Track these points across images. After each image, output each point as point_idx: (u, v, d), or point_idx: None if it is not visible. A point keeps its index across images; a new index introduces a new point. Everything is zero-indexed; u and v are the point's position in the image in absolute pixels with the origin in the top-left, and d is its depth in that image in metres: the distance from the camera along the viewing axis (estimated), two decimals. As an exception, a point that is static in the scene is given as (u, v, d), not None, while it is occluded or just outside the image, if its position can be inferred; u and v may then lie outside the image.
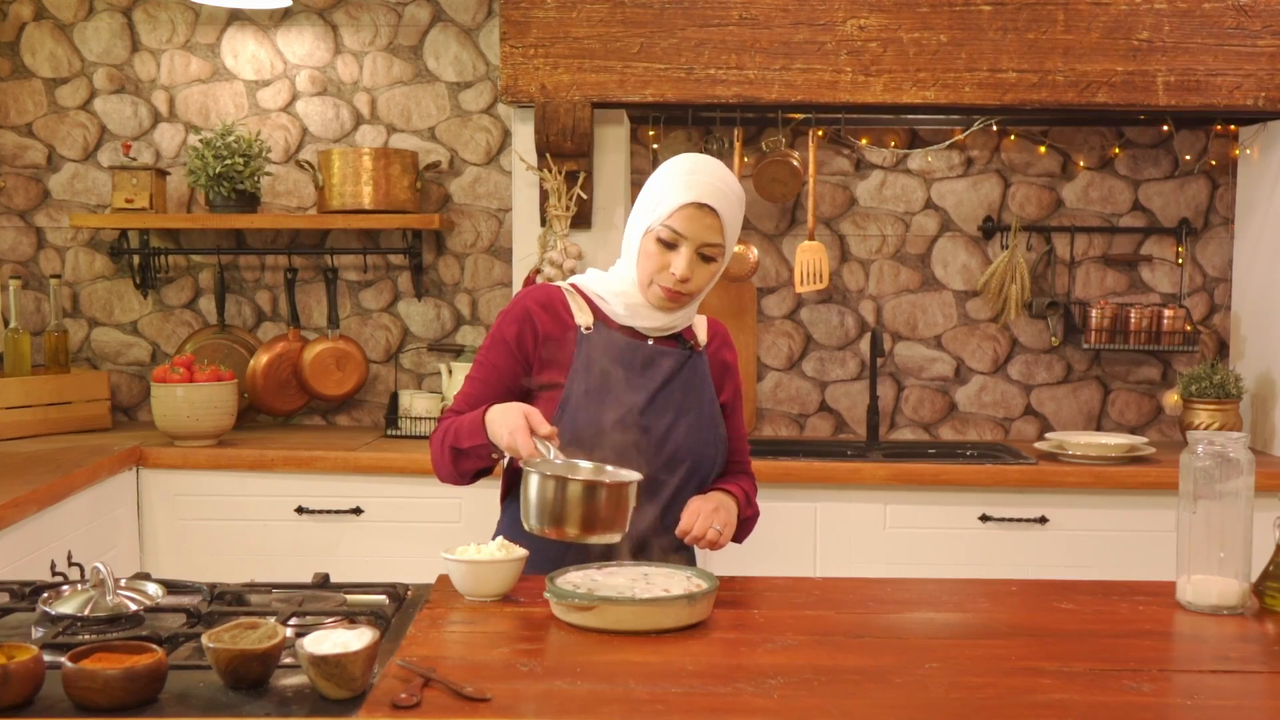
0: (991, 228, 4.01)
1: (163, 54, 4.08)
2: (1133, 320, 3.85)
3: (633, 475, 1.97)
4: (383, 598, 1.98)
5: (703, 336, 2.26)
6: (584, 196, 3.63)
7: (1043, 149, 3.99)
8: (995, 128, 3.91)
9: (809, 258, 3.83)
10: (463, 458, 2.12)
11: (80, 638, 1.73)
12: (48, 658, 1.57)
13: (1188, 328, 3.84)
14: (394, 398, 3.97)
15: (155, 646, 1.56)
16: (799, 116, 3.78)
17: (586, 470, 1.98)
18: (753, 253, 3.89)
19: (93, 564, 1.86)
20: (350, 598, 1.98)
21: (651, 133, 3.84)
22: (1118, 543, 3.40)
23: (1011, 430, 4.09)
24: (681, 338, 2.22)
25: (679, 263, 2.08)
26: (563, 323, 2.16)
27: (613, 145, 3.70)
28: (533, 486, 1.92)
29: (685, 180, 2.08)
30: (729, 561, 3.24)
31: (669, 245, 2.08)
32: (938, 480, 3.43)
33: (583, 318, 2.17)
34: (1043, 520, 3.42)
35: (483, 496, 3.04)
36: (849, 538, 3.45)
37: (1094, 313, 3.87)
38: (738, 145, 3.81)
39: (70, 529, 3.12)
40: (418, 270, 4.06)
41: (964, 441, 4.02)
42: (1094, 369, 4.06)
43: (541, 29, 3.51)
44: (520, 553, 2.01)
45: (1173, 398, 3.99)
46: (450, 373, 3.86)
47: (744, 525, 2.27)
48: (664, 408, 2.15)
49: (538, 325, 2.15)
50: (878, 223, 4.05)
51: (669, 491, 2.15)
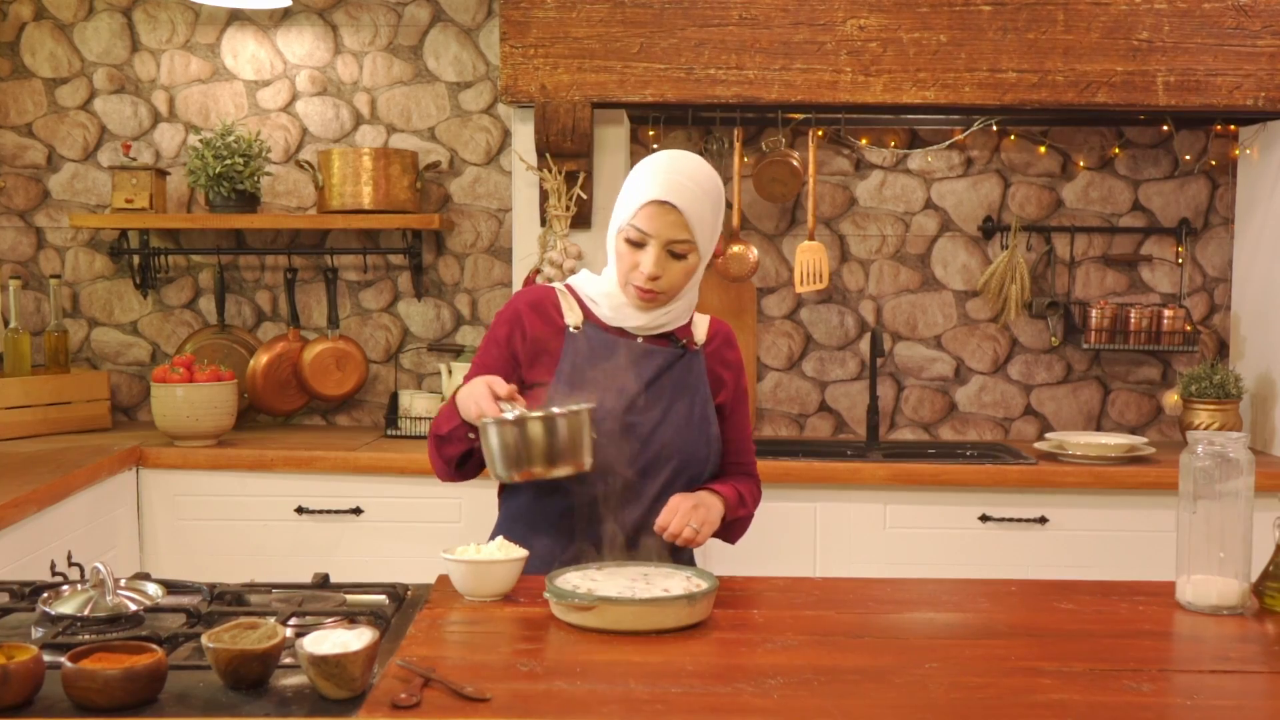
0: (991, 228, 4.01)
1: (163, 54, 4.08)
2: (1133, 320, 3.85)
3: (584, 404, 2.00)
4: (383, 598, 1.99)
5: (701, 335, 2.25)
6: (584, 196, 3.63)
7: (1043, 149, 3.99)
8: (995, 128, 3.91)
9: (809, 258, 3.83)
10: (444, 444, 2.15)
11: (80, 638, 1.73)
12: (47, 658, 1.57)
13: (1188, 328, 3.84)
14: (394, 398, 3.97)
15: (155, 646, 1.56)
16: (799, 116, 3.78)
17: (538, 411, 2.01)
18: (753, 253, 3.89)
19: (93, 564, 1.86)
20: (350, 598, 1.98)
21: (651, 133, 3.84)
22: (1117, 543, 3.40)
23: (1011, 430, 4.09)
24: (674, 336, 2.22)
25: (646, 261, 2.09)
26: (553, 323, 2.19)
27: (613, 145, 3.70)
28: (492, 436, 1.96)
29: (649, 179, 2.09)
30: (729, 561, 3.24)
31: (637, 244, 2.10)
32: (938, 480, 3.43)
33: (572, 318, 2.19)
34: (1042, 520, 3.42)
35: (483, 496, 3.05)
36: (849, 538, 3.45)
37: (1094, 313, 3.87)
38: (738, 145, 3.81)
39: (70, 529, 3.12)
40: (418, 270, 4.06)
41: (964, 441, 4.02)
42: (1094, 369, 4.06)
43: (541, 29, 3.52)
44: (520, 553, 2.01)
45: (1173, 398, 3.99)
46: (450, 373, 3.86)
47: (735, 525, 2.27)
48: (650, 406, 2.15)
49: (527, 326, 2.19)
50: (878, 223, 4.05)
51: (655, 489, 2.15)
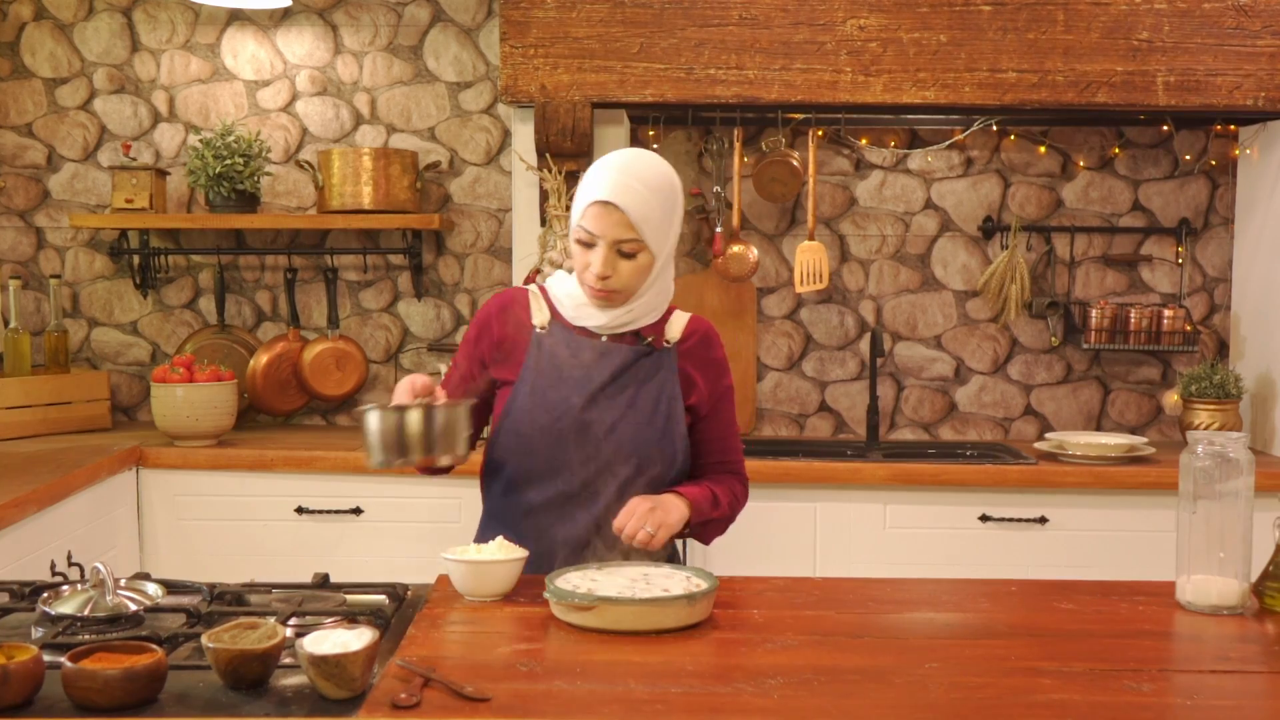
0: (991, 228, 4.01)
1: (163, 54, 4.07)
2: (1133, 320, 3.84)
3: (466, 401, 2.07)
4: (382, 598, 1.99)
5: (676, 334, 2.23)
6: (584, 196, 3.63)
7: (1043, 149, 3.99)
8: (995, 128, 3.91)
9: (809, 258, 3.83)
10: None
11: (80, 638, 1.73)
12: (47, 658, 1.57)
13: (1188, 328, 3.84)
14: (394, 398, 3.96)
15: (155, 646, 1.56)
16: (799, 116, 3.78)
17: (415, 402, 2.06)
18: (753, 253, 3.89)
19: (93, 564, 1.87)
20: (350, 598, 1.98)
21: (651, 133, 3.84)
22: (1117, 543, 3.40)
23: (1011, 430, 4.09)
24: (640, 334, 2.21)
25: (595, 261, 2.10)
26: (520, 324, 2.22)
27: (613, 145, 3.69)
28: (371, 423, 2.01)
29: (596, 179, 2.11)
30: (729, 561, 3.24)
31: (587, 244, 2.12)
32: (938, 480, 3.43)
33: (539, 318, 2.22)
34: (1042, 520, 3.42)
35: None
36: (849, 538, 3.45)
37: (1094, 313, 3.87)
38: (738, 145, 3.81)
39: (70, 529, 3.12)
40: (417, 270, 4.06)
41: (964, 441, 4.02)
42: (1094, 369, 4.06)
43: (541, 29, 3.51)
44: (520, 553, 2.01)
45: (1173, 398, 3.99)
46: (450, 373, 3.86)
47: (710, 526, 2.24)
48: (608, 405, 2.15)
49: (494, 328, 2.23)
50: (878, 223, 4.05)
51: (614, 488, 2.14)
